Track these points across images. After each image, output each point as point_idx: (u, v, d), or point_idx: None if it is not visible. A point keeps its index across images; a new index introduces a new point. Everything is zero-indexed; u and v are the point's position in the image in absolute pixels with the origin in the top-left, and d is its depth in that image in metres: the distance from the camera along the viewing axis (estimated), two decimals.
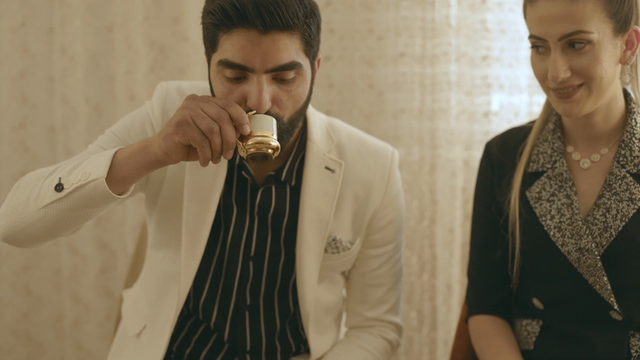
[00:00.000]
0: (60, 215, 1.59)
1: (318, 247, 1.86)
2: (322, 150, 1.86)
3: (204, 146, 1.50)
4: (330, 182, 1.86)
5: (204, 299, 1.91)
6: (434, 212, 2.75)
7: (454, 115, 2.71)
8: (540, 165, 1.83)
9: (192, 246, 1.81)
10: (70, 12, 2.94)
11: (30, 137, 3.06)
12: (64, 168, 1.63)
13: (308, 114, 1.88)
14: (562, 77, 1.66)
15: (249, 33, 1.57)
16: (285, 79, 1.63)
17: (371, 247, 1.96)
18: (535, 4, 1.68)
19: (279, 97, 1.63)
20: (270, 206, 1.85)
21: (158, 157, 1.55)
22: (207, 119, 1.49)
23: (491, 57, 2.69)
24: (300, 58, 1.63)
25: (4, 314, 3.14)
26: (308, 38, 1.64)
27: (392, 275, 1.99)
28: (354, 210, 1.91)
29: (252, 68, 1.59)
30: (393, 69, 2.73)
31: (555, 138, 1.83)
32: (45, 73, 3.04)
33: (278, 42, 1.58)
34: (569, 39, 1.64)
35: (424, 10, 2.69)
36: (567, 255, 1.74)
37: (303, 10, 1.61)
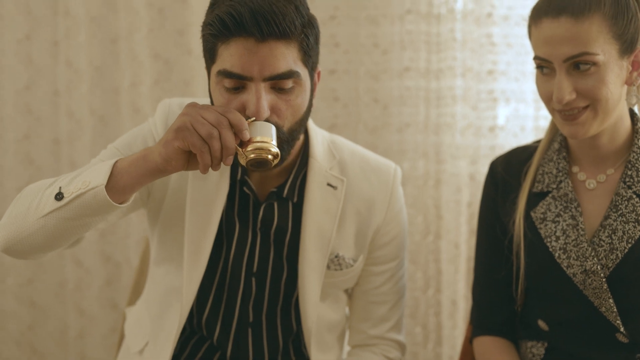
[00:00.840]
0: (60, 224, 1.58)
1: (320, 264, 1.85)
2: (324, 167, 1.86)
3: (203, 151, 1.50)
4: (332, 199, 1.86)
5: (206, 316, 1.90)
6: (439, 227, 2.73)
7: (459, 130, 2.69)
8: (546, 186, 1.81)
9: (194, 260, 1.81)
10: (75, 25, 2.94)
11: (35, 149, 3.06)
12: (65, 178, 1.63)
13: (310, 130, 1.88)
14: (567, 99, 1.64)
15: (246, 42, 1.58)
16: (284, 88, 1.63)
17: (374, 264, 1.95)
18: (540, 25, 1.66)
19: (277, 106, 1.63)
20: (273, 222, 1.85)
21: (158, 164, 1.55)
22: (206, 124, 1.50)
23: (497, 71, 2.68)
24: (299, 67, 1.64)
25: (8, 325, 3.14)
26: (306, 48, 1.65)
27: (395, 293, 1.97)
28: (357, 227, 1.90)
29: (250, 76, 1.60)
30: (398, 83, 2.72)
31: (560, 158, 1.81)
32: (50, 85, 3.04)
33: (275, 50, 1.59)
34: (574, 61, 1.63)
35: (429, 25, 2.68)
36: (573, 277, 1.72)
37: (300, 19, 1.62)
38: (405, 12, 2.70)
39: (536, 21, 1.68)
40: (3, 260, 3.09)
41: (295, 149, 1.82)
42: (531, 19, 1.71)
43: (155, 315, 1.90)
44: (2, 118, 3.04)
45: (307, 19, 1.66)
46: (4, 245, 1.65)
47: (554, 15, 1.63)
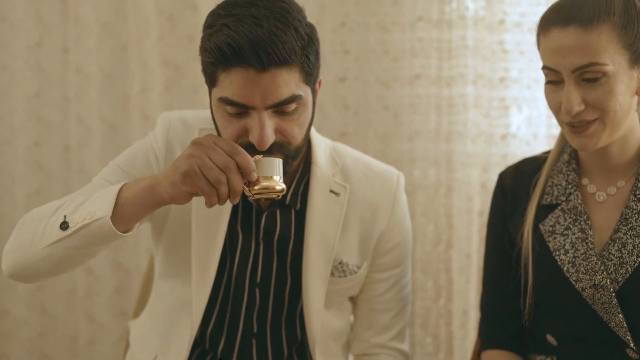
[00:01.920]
0: (66, 253, 1.59)
1: (324, 270, 1.85)
2: (326, 173, 1.86)
3: (211, 195, 1.50)
4: (335, 205, 1.85)
5: (211, 328, 1.90)
6: (450, 236, 2.71)
7: (471, 138, 2.67)
8: (555, 198, 1.78)
9: (202, 275, 1.80)
10: (84, 32, 2.94)
11: (45, 156, 3.06)
12: (69, 206, 1.62)
13: (312, 138, 1.87)
14: (576, 110, 1.61)
15: (246, 72, 1.54)
16: (287, 111, 1.61)
17: (377, 271, 1.94)
18: (549, 34, 1.63)
19: (282, 127, 1.62)
20: (275, 230, 1.84)
21: (164, 199, 1.55)
22: (214, 169, 1.48)
23: (509, 79, 2.65)
24: (301, 89, 1.61)
25: (19, 333, 3.14)
26: (307, 68, 1.62)
27: (399, 301, 1.97)
28: (361, 234, 1.89)
29: (252, 106, 1.57)
30: (409, 91, 2.70)
31: (570, 170, 1.78)
32: (60, 92, 3.04)
33: (277, 78, 1.56)
34: (583, 71, 1.60)
35: (441, 31, 2.66)
36: (581, 291, 1.69)
37: (300, 42, 1.57)
38: (416, 19, 2.68)
39: (544, 31, 1.65)
40: None
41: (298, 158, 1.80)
42: (539, 29, 1.68)
43: (163, 329, 1.89)
44: (13, 125, 3.04)
45: (307, 38, 1.61)
46: (10, 272, 1.66)
47: (563, 24, 1.60)
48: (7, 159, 3.07)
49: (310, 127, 1.72)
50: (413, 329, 2.78)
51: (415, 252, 2.75)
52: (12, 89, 3.03)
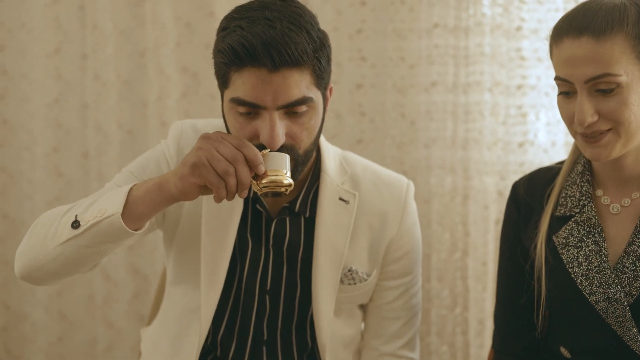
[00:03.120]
0: (77, 251, 1.60)
1: (333, 278, 1.85)
2: (335, 181, 1.87)
3: (219, 187, 1.52)
4: (344, 213, 1.86)
5: (221, 334, 1.91)
6: (466, 244, 2.70)
7: (487, 145, 2.65)
8: (568, 210, 1.76)
9: (211, 281, 1.82)
10: (102, 39, 2.95)
11: (64, 163, 3.08)
12: (80, 206, 1.64)
13: (322, 146, 1.88)
14: (589, 121, 1.59)
15: (259, 72, 1.57)
16: (297, 112, 1.63)
17: (387, 279, 1.94)
18: (561, 44, 1.62)
19: (292, 131, 1.64)
20: (285, 238, 1.85)
21: (174, 195, 1.57)
22: (222, 161, 1.51)
23: (527, 86, 2.64)
24: (312, 92, 1.64)
25: (38, 337, 3.16)
26: (318, 72, 1.65)
27: (409, 309, 1.96)
28: (370, 242, 1.90)
29: (263, 106, 1.60)
30: (425, 98, 2.69)
31: (583, 181, 1.76)
32: (79, 99, 3.06)
33: (288, 79, 1.59)
34: (595, 82, 1.58)
35: (457, 38, 2.65)
36: (595, 304, 1.67)
37: (312, 45, 1.61)
38: (432, 26, 2.67)
39: (557, 41, 1.63)
40: None
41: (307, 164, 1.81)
42: (552, 39, 1.66)
43: (173, 337, 1.90)
44: (32, 131, 3.07)
45: (319, 42, 1.65)
46: (22, 273, 1.67)
47: (575, 35, 1.59)
48: (26, 165, 3.09)
49: (319, 133, 1.74)
50: (429, 338, 2.77)
51: (431, 260, 2.74)
52: (31, 95, 3.05)
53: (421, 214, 2.68)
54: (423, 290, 2.74)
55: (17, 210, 3.12)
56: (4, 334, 3.20)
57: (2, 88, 3.08)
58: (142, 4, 2.94)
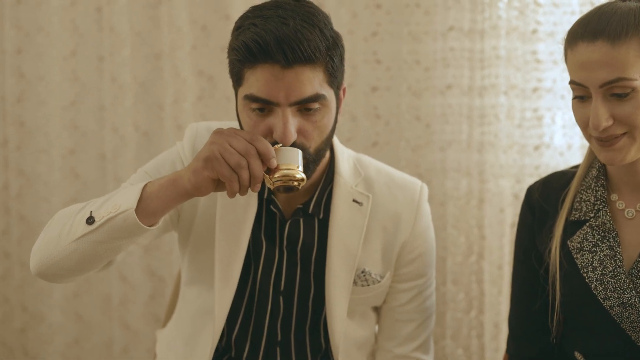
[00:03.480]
0: (92, 247, 1.61)
1: (347, 279, 1.86)
2: (349, 183, 1.88)
3: (232, 180, 1.53)
4: (358, 214, 1.87)
5: (235, 335, 1.92)
6: (482, 248, 2.69)
7: (503, 148, 2.64)
8: (583, 214, 1.75)
9: (225, 281, 1.83)
10: (119, 41, 2.96)
11: (80, 165, 3.10)
12: (95, 203, 1.66)
13: (335, 148, 1.90)
14: (603, 125, 1.58)
15: (272, 68, 1.60)
16: (310, 109, 1.65)
17: (400, 281, 1.94)
18: (576, 48, 1.61)
19: (304, 128, 1.66)
20: (299, 239, 1.86)
21: (187, 190, 1.58)
22: (235, 154, 1.53)
23: (542, 89, 2.63)
24: (324, 90, 1.66)
25: (55, 339, 3.18)
26: (331, 70, 1.67)
27: (422, 311, 1.96)
28: (384, 244, 1.90)
29: (276, 102, 1.62)
30: (441, 101, 2.69)
31: (598, 186, 1.75)
32: (96, 101, 3.07)
33: (301, 75, 1.61)
34: (610, 86, 1.57)
35: (473, 41, 2.64)
36: (609, 309, 1.66)
37: (325, 43, 1.64)
38: (447, 29, 2.66)
39: (572, 45, 1.63)
40: None
41: (321, 166, 1.84)
42: (567, 43, 1.65)
43: (187, 337, 1.92)
44: (49, 133, 3.08)
45: (332, 41, 1.67)
46: (37, 270, 1.69)
47: (590, 39, 1.58)
48: (43, 167, 3.10)
49: (332, 133, 1.76)
50: (444, 341, 2.76)
51: (446, 263, 2.73)
52: (48, 98, 3.06)
53: (436, 217, 2.68)
54: (438, 294, 2.74)
55: (34, 212, 3.14)
56: (22, 335, 3.22)
57: (19, 91, 3.09)
58: (159, 7, 2.95)
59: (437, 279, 2.75)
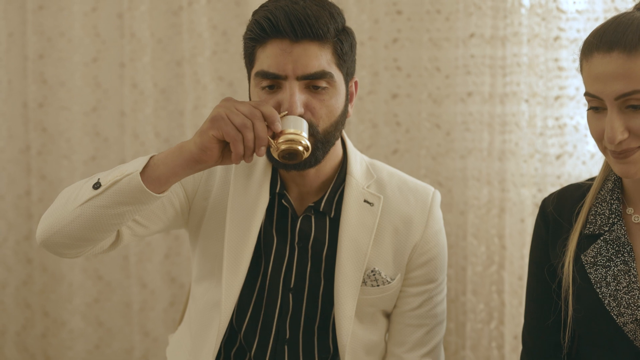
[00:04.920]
0: (96, 212, 1.65)
1: (356, 277, 1.88)
2: (361, 184, 1.91)
3: (237, 140, 1.57)
4: (368, 214, 1.90)
5: (244, 331, 1.94)
6: (503, 258, 2.65)
7: (525, 157, 2.60)
8: (597, 228, 1.71)
9: (233, 272, 1.86)
10: (140, 48, 2.97)
11: (102, 170, 3.07)
12: (102, 173, 1.71)
13: (348, 149, 1.94)
14: (619, 138, 1.54)
15: (281, 43, 1.70)
16: (318, 87, 1.73)
17: (411, 285, 1.95)
18: (591, 60, 1.57)
19: (311, 105, 1.73)
20: (310, 235, 1.89)
21: (194, 154, 1.61)
22: (240, 115, 1.58)
23: (565, 96, 2.58)
24: (332, 69, 1.74)
25: (76, 344, 3.19)
26: (340, 52, 1.76)
27: (432, 317, 1.96)
28: (395, 245, 1.92)
29: (284, 75, 1.71)
30: (461, 108, 2.65)
31: (613, 199, 1.71)
32: (117, 107, 3.08)
33: (309, 50, 1.71)
34: (626, 99, 1.53)
35: (494, 48, 2.61)
36: (623, 326, 1.62)
37: (334, 24, 1.74)
38: (468, 36, 2.62)
39: (587, 56, 1.59)
40: (72, 280, 3.14)
41: (334, 165, 1.90)
42: (582, 54, 1.61)
43: (196, 332, 1.94)
44: (70, 139, 3.10)
45: (342, 27, 1.78)
46: (42, 237, 1.72)
47: (606, 50, 1.54)
48: (65, 172, 3.12)
49: (341, 119, 1.81)
50: (464, 351, 2.72)
51: (466, 273, 2.69)
52: (69, 104, 3.08)
53: (456, 226, 2.66)
54: (458, 304, 2.70)
55: None
56: (43, 341, 3.24)
57: (41, 96, 3.11)
58: (179, 13, 2.95)
59: (457, 289, 2.72)
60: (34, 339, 3.25)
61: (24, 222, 3.21)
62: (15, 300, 3.24)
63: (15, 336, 3.25)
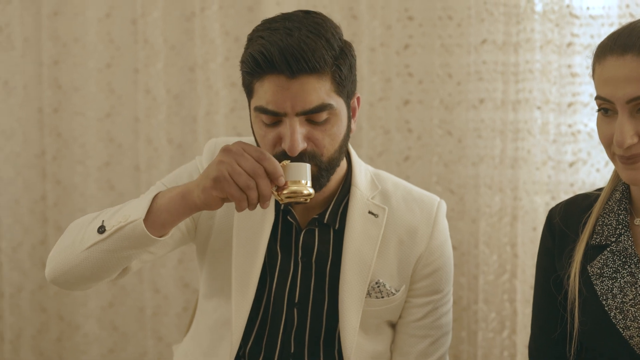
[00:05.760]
0: (102, 256, 1.65)
1: (360, 290, 1.86)
2: (366, 195, 1.89)
3: (241, 200, 1.56)
4: (373, 226, 1.87)
5: (250, 347, 1.92)
6: (515, 266, 2.63)
7: (537, 164, 2.58)
8: (604, 238, 1.68)
9: (242, 293, 1.85)
10: (153, 54, 2.98)
11: (116, 176, 3.12)
12: (107, 212, 1.70)
13: (353, 161, 1.91)
14: (628, 142, 1.51)
15: (278, 79, 1.64)
16: (318, 121, 1.69)
17: (416, 296, 1.93)
18: (604, 63, 1.54)
19: (314, 136, 1.69)
20: (314, 249, 1.87)
21: (197, 205, 1.61)
22: (243, 174, 1.55)
23: (579, 103, 2.56)
24: (332, 99, 1.69)
25: (91, 349, 3.21)
26: (339, 79, 1.69)
27: (437, 328, 1.93)
28: (400, 256, 1.90)
29: (283, 112, 1.66)
30: (473, 115, 2.64)
31: (621, 209, 1.68)
32: (130, 113, 3.09)
33: (306, 85, 1.64)
34: (637, 102, 1.50)
35: (506, 54, 2.59)
36: (629, 339, 1.59)
37: (331, 52, 1.66)
38: (480, 42, 2.61)
39: (600, 59, 1.56)
40: None
41: (338, 177, 1.87)
42: (595, 57, 1.59)
43: (206, 349, 1.93)
44: (84, 145, 3.11)
45: (340, 50, 1.70)
46: (51, 277, 1.74)
47: (620, 53, 1.51)
48: (80, 178, 3.14)
49: (345, 142, 1.78)
50: None
51: (478, 281, 2.68)
52: (84, 109, 3.10)
53: (468, 234, 2.64)
54: (470, 313, 2.69)
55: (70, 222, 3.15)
56: (58, 345, 3.25)
57: (56, 102, 3.13)
58: (192, 20, 2.96)
59: (469, 298, 2.70)
60: (49, 343, 3.26)
61: (39, 226, 3.23)
62: (31, 304, 3.26)
63: (31, 340, 3.27)
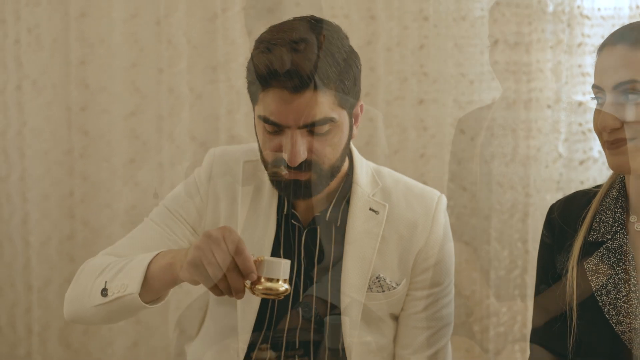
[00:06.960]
0: (109, 315, 1.78)
1: (361, 284, 1.88)
2: (367, 192, 1.91)
3: (214, 289, 1.55)
4: (374, 222, 1.90)
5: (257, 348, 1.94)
6: (526, 262, 2.66)
7: (548, 162, 2.61)
8: (601, 235, 1.71)
9: (247, 300, 1.86)
10: (176, 54, 3.03)
11: (140, 173, 3.17)
12: (112, 269, 1.77)
13: (355, 158, 1.93)
14: (610, 124, 1.55)
15: (281, 92, 1.66)
16: (320, 133, 1.71)
17: (416, 289, 1.95)
18: (600, 54, 1.60)
19: (315, 147, 1.72)
20: (315, 249, 1.90)
21: (180, 279, 1.64)
22: (215, 265, 1.52)
23: (589, 102, 2.58)
24: (335, 112, 1.71)
25: (116, 341, 3.28)
26: (342, 92, 1.71)
27: (438, 319, 1.96)
28: (400, 251, 1.91)
29: (286, 125, 1.68)
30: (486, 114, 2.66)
31: (617, 207, 1.72)
32: (155, 111, 3.15)
33: (310, 100, 1.66)
34: (623, 88, 1.54)
35: (518, 54, 2.61)
36: (621, 335, 1.63)
37: (336, 68, 1.68)
38: (493, 42, 2.64)
39: (598, 53, 1.61)
40: None
41: (340, 174, 1.87)
42: (596, 54, 1.64)
43: (218, 352, 1.97)
44: (110, 142, 3.18)
45: (344, 64, 1.70)
46: (70, 319, 1.88)
47: (613, 43, 1.57)
48: (105, 174, 3.20)
49: (346, 149, 1.80)
50: (487, 355, 2.74)
51: (489, 277, 2.71)
52: (110, 107, 3.16)
53: (480, 231, 2.67)
54: (482, 308, 2.72)
55: (97, 218, 3.23)
56: (84, 337, 3.31)
57: (83, 100, 3.19)
58: (214, 20, 3.00)
59: (481, 293, 2.73)
60: (76, 335, 3.32)
61: (67, 221, 3.29)
62: (59, 297, 3.32)
63: (58, 332, 3.33)
